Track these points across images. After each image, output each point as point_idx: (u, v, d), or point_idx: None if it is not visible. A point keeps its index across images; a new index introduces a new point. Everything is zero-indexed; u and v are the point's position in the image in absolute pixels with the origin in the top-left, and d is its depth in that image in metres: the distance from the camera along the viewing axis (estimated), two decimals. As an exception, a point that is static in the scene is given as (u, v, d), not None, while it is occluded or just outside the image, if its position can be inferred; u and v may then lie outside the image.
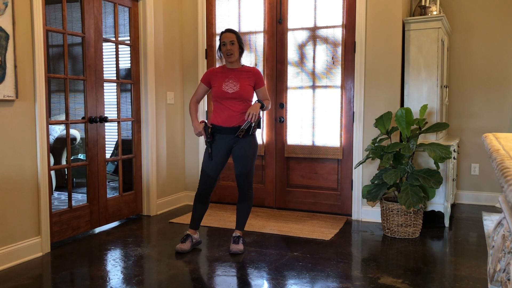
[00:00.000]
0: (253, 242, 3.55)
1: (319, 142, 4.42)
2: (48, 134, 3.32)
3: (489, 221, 4.01)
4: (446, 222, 4.01)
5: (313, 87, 4.41)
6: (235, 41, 3.27)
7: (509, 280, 0.85)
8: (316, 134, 4.43)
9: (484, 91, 4.81)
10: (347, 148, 4.31)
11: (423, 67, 4.08)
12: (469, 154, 4.91)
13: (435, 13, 4.27)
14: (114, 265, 3.08)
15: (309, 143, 4.46)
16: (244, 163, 3.31)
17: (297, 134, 4.50)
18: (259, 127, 3.34)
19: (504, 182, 0.83)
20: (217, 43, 4.74)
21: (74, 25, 5.68)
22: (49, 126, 3.63)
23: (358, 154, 4.20)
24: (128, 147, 4.36)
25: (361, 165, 4.12)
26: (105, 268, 3.03)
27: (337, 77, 4.30)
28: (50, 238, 3.37)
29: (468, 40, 4.84)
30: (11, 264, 3.04)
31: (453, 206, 4.75)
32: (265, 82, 4.58)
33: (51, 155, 3.66)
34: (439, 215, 4.16)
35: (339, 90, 4.30)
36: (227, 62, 3.35)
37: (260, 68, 4.60)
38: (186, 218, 4.24)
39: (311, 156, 4.45)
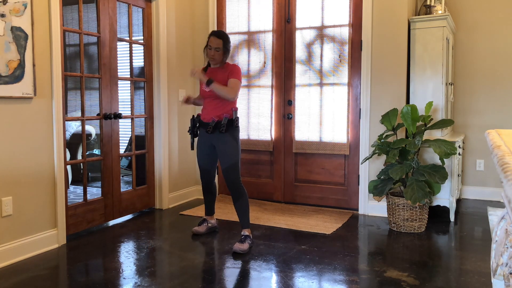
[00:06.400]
0: (262, 235, 3.63)
1: (326, 138, 4.49)
2: (64, 130, 3.40)
3: (494, 216, 4.02)
4: (452, 217, 4.04)
5: (321, 84, 4.48)
6: (220, 48, 3.32)
7: (511, 274, 0.85)
8: (323, 131, 4.49)
9: (488, 88, 4.84)
10: (354, 144, 4.38)
11: (428, 65, 4.13)
12: (474, 150, 4.94)
13: (440, 12, 4.32)
14: (127, 257, 3.13)
15: (316, 139, 4.53)
16: (225, 160, 3.35)
17: (305, 130, 4.57)
18: (227, 128, 3.34)
19: (503, 177, 0.83)
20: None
21: (90, 25, 5.78)
22: (66, 122, 3.72)
23: (364, 150, 4.26)
24: (141, 143, 4.44)
25: (367, 160, 4.19)
26: (119, 259, 3.09)
27: (344, 75, 4.36)
28: (66, 231, 3.45)
29: (473, 38, 4.88)
30: (28, 255, 3.12)
31: (459, 201, 4.78)
32: (272, 80, 4.66)
33: (67, 150, 3.73)
34: (445, 210, 4.20)
35: (346, 87, 4.36)
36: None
37: (269, 66, 4.67)
38: (196, 211, 4.34)
39: (319, 152, 4.52)
